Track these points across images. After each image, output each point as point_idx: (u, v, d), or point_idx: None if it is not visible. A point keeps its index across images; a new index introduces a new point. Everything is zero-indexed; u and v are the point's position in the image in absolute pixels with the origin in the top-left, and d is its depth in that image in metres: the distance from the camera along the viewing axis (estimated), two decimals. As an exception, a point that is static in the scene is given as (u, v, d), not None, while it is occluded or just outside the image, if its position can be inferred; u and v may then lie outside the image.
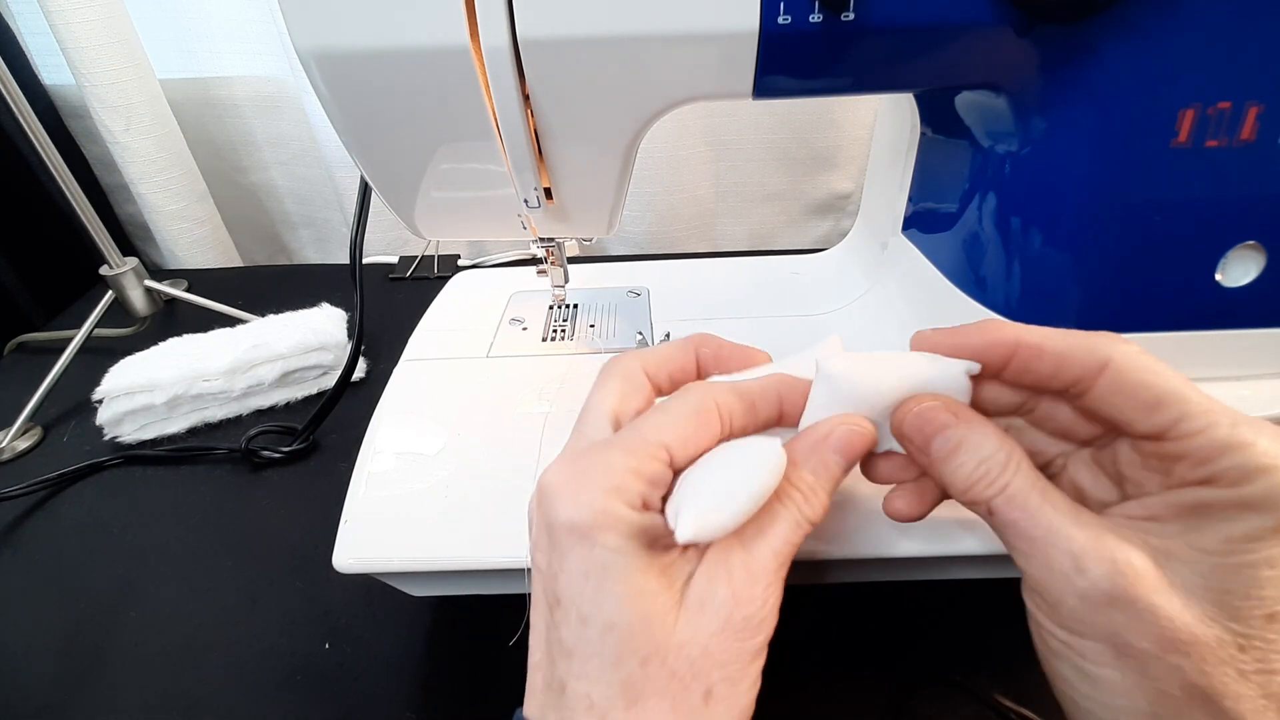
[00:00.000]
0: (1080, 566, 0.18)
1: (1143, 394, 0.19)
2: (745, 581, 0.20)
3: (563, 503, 0.20)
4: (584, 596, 0.19)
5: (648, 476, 0.20)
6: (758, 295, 0.46)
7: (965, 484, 0.21)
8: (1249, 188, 0.26)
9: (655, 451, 0.21)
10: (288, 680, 0.33)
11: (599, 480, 0.20)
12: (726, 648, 0.20)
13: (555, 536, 0.20)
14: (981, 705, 0.31)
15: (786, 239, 0.77)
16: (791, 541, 0.21)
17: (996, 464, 0.20)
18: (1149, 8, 0.24)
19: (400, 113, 0.28)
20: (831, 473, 0.22)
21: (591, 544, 0.19)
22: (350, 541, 0.30)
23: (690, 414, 0.22)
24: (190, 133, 0.70)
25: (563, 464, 0.21)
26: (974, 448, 0.21)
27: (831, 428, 0.23)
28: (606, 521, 0.19)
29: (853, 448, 0.23)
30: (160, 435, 0.48)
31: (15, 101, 0.48)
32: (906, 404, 0.22)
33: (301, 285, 0.63)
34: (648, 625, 0.19)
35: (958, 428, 0.21)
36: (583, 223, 0.35)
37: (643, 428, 0.21)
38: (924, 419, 0.22)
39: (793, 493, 0.22)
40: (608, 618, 0.19)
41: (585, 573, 0.19)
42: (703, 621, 0.20)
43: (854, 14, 0.24)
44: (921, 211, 0.39)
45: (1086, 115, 0.27)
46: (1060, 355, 0.20)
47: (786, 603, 0.33)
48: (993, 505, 0.20)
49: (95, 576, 0.39)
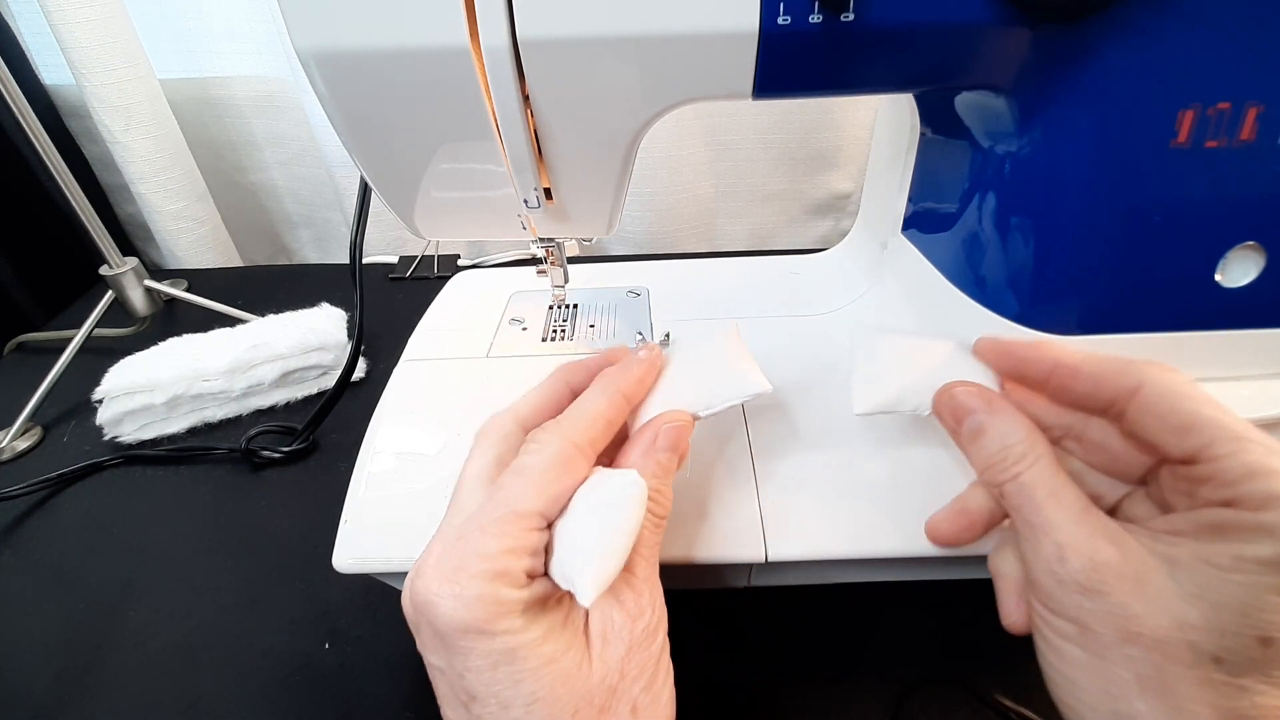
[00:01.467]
0: (1062, 556, 0.20)
1: (1173, 418, 0.20)
2: (633, 599, 0.22)
3: (446, 606, 0.20)
4: (499, 684, 0.20)
5: (527, 550, 0.21)
6: (758, 295, 0.46)
7: (984, 464, 0.23)
8: (1249, 188, 0.26)
9: (527, 524, 0.21)
10: (288, 680, 0.33)
11: (477, 571, 0.20)
12: (637, 661, 0.21)
13: (449, 640, 0.20)
14: (981, 705, 0.31)
15: (786, 239, 0.77)
16: (654, 543, 0.24)
17: (1015, 452, 0.22)
18: (1149, 8, 0.24)
19: (400, 113, 0.28)
20: (667, 469, 0.25)
21: (491, 637, 0.20)
22: (350, 541, 0.31)
23: (554, 467, 0.22)
24: (190, 133, 0.70)
25: (434, 560, 0.21)
26: (998, 434, 0.23)
27: (655, 429, 0.25)
28: (499, 610, 0.20)
29: (677, 442, 0.25)
30: (160, 435, 0.48)
31: (15, 101, 0.48)
32: (948, 386, 0.25)
33: (301, 285, 0.63)
34: (567, 682, 0.20)
35: (987, 414, 0.23)
36: (583, 223, 0.35)
37: (508, 499, 0.22)
38: (958, 401, 0.24)
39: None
40: (528, 693, 0.20)
41: (493, 664, 0.20)
42: (611, 651, 0.21)
43: (854, 14, 0.24)
44: (921, 211, 0.39)
45: (1086, 115, 0.27)
46: (1095, 377, 0.22)
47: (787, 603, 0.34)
48: (1004, 489, 0.22)
49: (95, 576, 0.39)
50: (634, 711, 0.21)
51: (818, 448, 0.33)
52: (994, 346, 0.25)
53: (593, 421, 0.24)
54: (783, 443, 0.33)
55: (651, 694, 0.21)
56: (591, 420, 0.24)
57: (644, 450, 0.25)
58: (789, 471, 0.32)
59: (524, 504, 0.21)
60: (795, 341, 0.41)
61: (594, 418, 0.24)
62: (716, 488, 0.31)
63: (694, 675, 0.33)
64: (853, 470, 0.32)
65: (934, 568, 0.34)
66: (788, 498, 0.31)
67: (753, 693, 0.32)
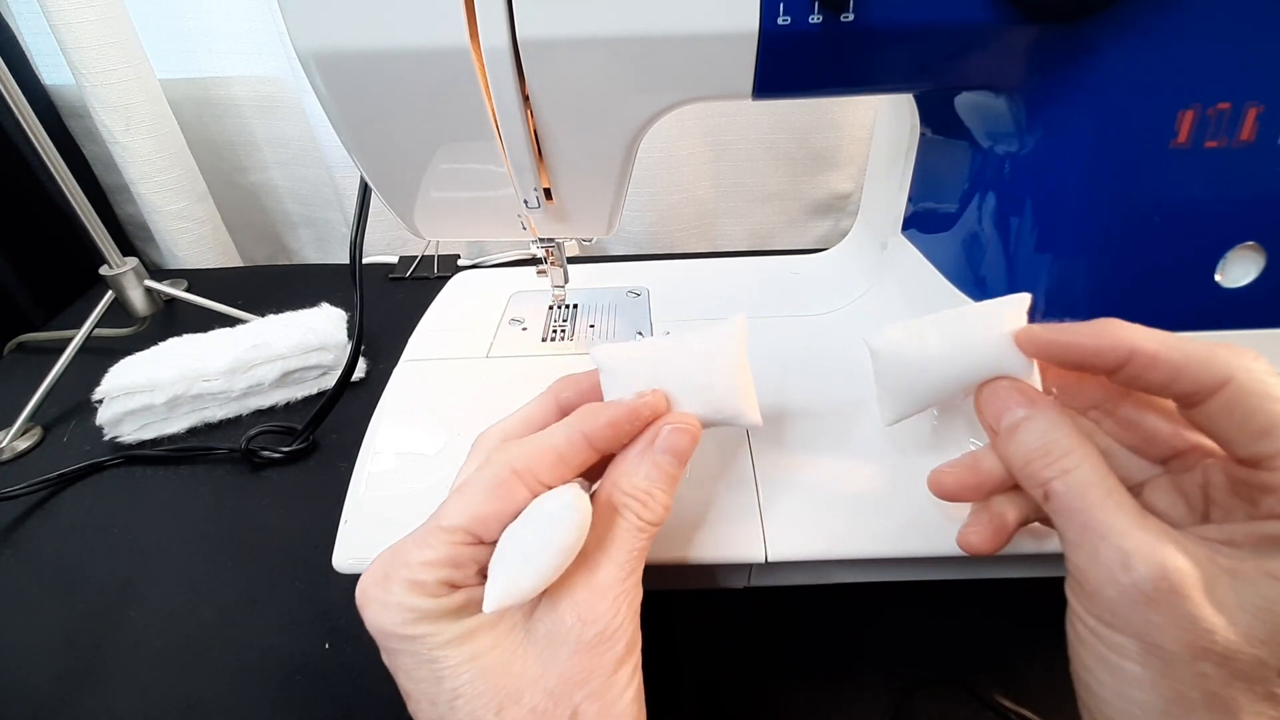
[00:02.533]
0: (1128, 564, 0.18)
1: (1255, 419, 0.19)
2: (589, 601, 0.21)
3: (371, 611, 0.21)
4: (424, 681, 0.21)
5: (448, 562, 0.21)
6: (758, 295, 0.46)
7: (1024, 459, 0.21)
8: (1248, 188, 0.26)
9: (451, 537, 0.22)
10: (288, 680, 0.33)
11: (399, 579, 0.21)
12: (584, 666, 0.21)
13: (380, 641, 0.22)
14: (981, 705, 0.31)
15: (786, 239, 0.77)
16: (634, 549, 0.22)
17: (1060, 447, 0.20)
18: (1149, 8, 0.24)
19: (400, 113, 0.28)
20: (666, 473, 0.24)
21: (410, 640, 0.21)
22: (350, 541, 0.31)
23: (486, 489, 0.22)
24: (190, 133, 0.70)
25: (376, 565, 0.22)
26: (1039, 427, 0.21)
27: (657, 430, 0.24)
28: (413, 616, 0.21)
29: (680, 445, 0.24)
30: (160, 435, 0.48)
31: (15, 101, 0.48)
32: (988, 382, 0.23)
33: (301, 285, 0.63)
34: (491, 677, 0.20)
35: (1028, 407, 0.22)
36: (582, 223, 0.35)
37: (441, 513, 0.22)
38: (997, 394, 0.22)
39: (628, 501, 0.23)
40: (450, 689, 0.20)
41: (417, 663, 0.21)
42: (553, 651, 0.21)
43: (854, 14, 0.24)
44: (921, 211, 0.39)
45: (1086, 115, 0.27)
46: (1177, 367, 0.20)
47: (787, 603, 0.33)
48: (1051, 488, 0.20)
49: (95, 576, 0.39)
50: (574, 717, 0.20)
51: (818, 448, 0.33)
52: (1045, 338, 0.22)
53: (540, 452, 0.23)
54: (783, 443, 0.33)
55: (600, 704, 0.20)
56: (540, 451, 0.23)
57: (641, 450, 0.24)
58: (789, 471, 0.32)
59: (450, 520, 0.22)
60: (795, 341, 0.41)
61: (544, 449, 0.23)
62: (716, 488, 0.31)
63: (694, 675, 0.33)
64: (853, 470, 0.32)
65: (934, 568, 0.34)
66: (788, 498, 0.31)
67: (753, 693, 0.32)
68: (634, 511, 0.23)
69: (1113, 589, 0.18)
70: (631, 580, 0.22)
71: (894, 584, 0.35)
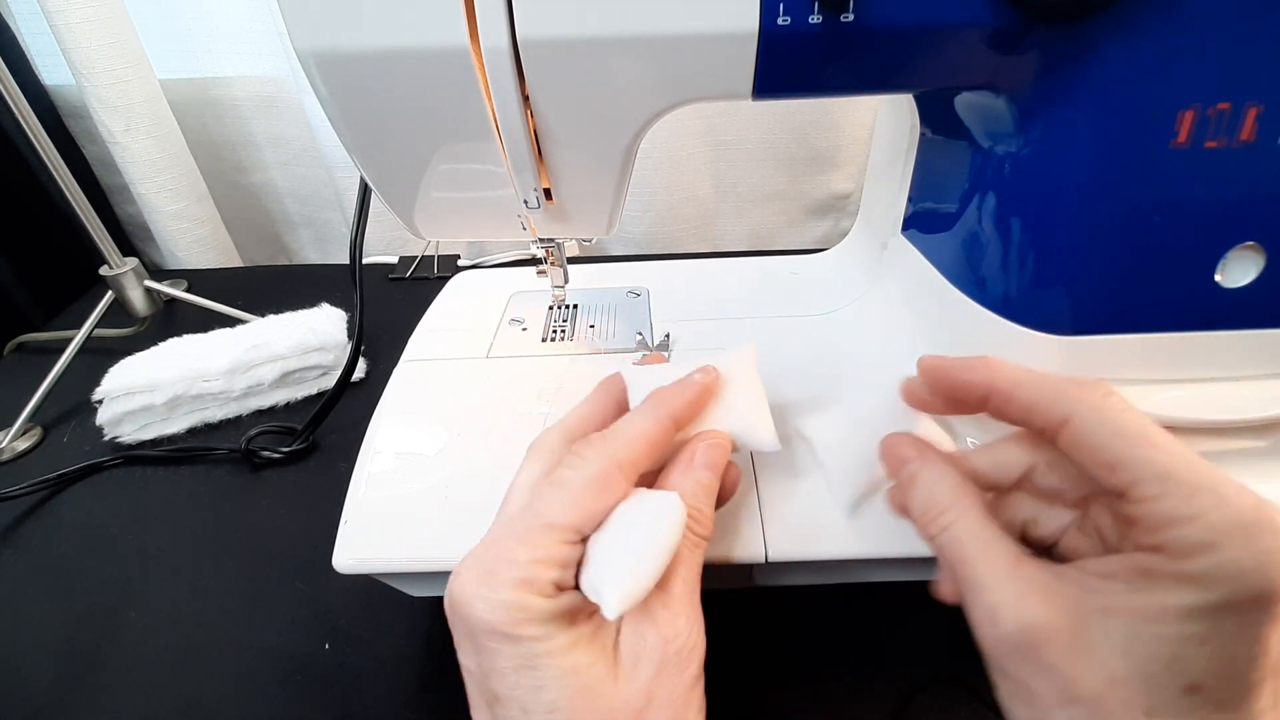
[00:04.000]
0: (995, 618, 0.19)
1: (1101, 454, 0.19)
2: (668, 620, 0.21)
3: (477, 608, 0.20)
4: (521, 688, 0.20)
5: (557, 562, 0.21)
6: (758, 295, 0.46)
7: (917, 514, 0.22)
8: (1248, 188, 0.26)
9: (560, 536, 0.21)
10: (288, 680, 0.33)
11: (506, 577, 0.20)
12: (667, 686, 0.20)
13: (478, 641, 0.21)
14: (982, 705, 0.31)
15: (786, 239, 0.77)
16: (696, 565, 0.23)
17: (942, 503, 0.21)
18: (1149, 8, 0.24)
19: (400, 113, 0.28)
20: (707, 488, 0.25)
21: (516, 641, 0.20)
22: (350, 542, 0.31)
23: (590, 484, 0.22)
24: (190, 133, 0.70)
25: (471, 563, 0.21)
26: (926, 483, 0.22)
27: (694, 448, 0.25)
28: (524, 616, 0.20)
29: (716, 461, 0.25)
30: (160, 435, 0.48)
31: (15, 101, 0.48)
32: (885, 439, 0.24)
33: (301, 285, 0.63)
34: (588, 695, 0.20)
35: (915, 462, 0.23)
36: (582, 223, 0.35)
37: (544, 511, 0.22)
38: (888, 448, 0.24)
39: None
40: (548, 701, 0.20)
41: (517, 667, 0.20)
42: (640, 671, 0.20)
43: (854, 14, 0.24)
44: (921, 212, 0.39)
45: (1086, 115, 0.27)
46: (1028, 405, 0.21)
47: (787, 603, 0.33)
48: (937, 541, 0.21)
49: (95, 576, 0.39)
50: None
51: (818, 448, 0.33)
52: (933, 367, 0.23)
53: (637, 441, 0.24)
54: (783, 443, 0.33)
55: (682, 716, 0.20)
56: (635, 440, 0.24)
57: (683, 469, 0.25)
58: (789, 471, 0.32)
59: (557, 517, 0.22)
60: (795, 342, 0.41)
61: (638, 437, 0.24)
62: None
63: (694, 675, 0.33)
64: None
65: (935, 568, 0.34)
66: (788, 498, 0.31)
67: (753, 693, 0.32)
68: (689, 528, 0.23)
69: (988, 640, 0.19)
70: (696, 596, 0.22)
71: (895, 584, 0.34)
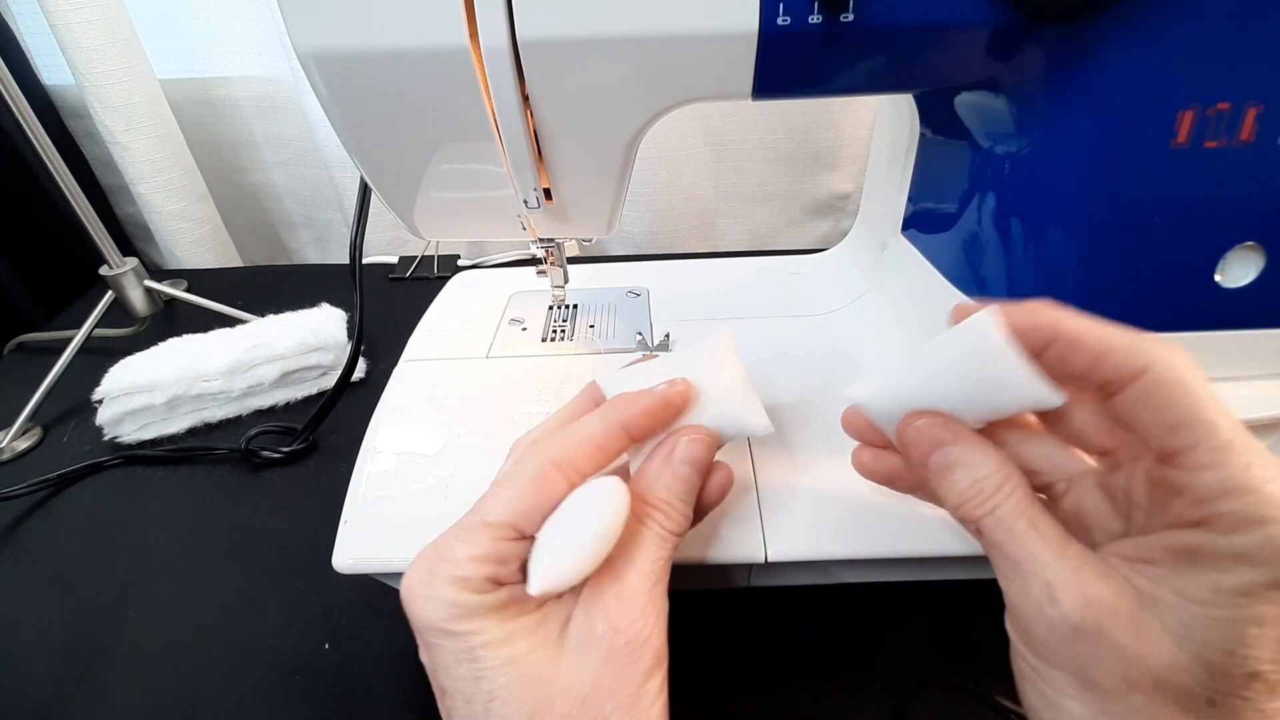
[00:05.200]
0: (1053, 596, 0.18)
1: (1170, 410, 0.18)
2: (620, 610, 0.21)
3: (417, 606, 0.21)
4: (462, 680, 0.21)
5: (493, 558, 0.21)
6: (758, 295, 0.46)
7: (958, 500, 0.21)
8: (1248, 188, 0.26)
9: (496, 533, 0.22)
10: (288, 680, 0.33)
11: (444, 576, 0.21)
12: (616, 676, 0.21)
13: (424, 637, 0.22)
14: (981, 706, 0.31)
15: (786, 239, 0.77)
16: (659, 558, 0.23)
17: (990, 485, 0.20)
18: (1149, 8, 0.24)
19: (400, 113, 0.28)
20: (686, 483, 0.24)
21: (454, 636, 0.21)
22: (350, 541, 0.31)
23: (527, 482, 0.23)
24: (190, 133, 0.70)
25: (417, 562, 0.22)
26: (970, 466, 0.21)
27: (674, 442, 0.25)
28: (459, 612, 0.21)
29: (697, 456, 0.24)
30: (160, 435, 0.48)
31: (15, 101, 0.48)
32: (909, 417, 0.22)
33: (301, 285, 0.63)
34: (526, 683, 0.20)
35: (956, 446, 0.21)
36: (582, 223, 0.35)
37: (483, 509, 0.22)
38: (923, 434, 0.22)
39: (651, 512, 0.23)
40: (487, 691, 0.20)
41: (457, 660, 0.21)
42: (586, 659, 0.21)
43: (853, 14, 0.24)
44: (921, 212, 0.39)
45: (1086, 115, 0.27)
46: (1099, 352, 0.19)
47: (787, 603, 0.33)
48: (981, 525, 0.20)
49: (95, 576, 0.39)
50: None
51: (818, 448, 0.33)
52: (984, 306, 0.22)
53: (580, 443, 0.24)
54: (782, 443, 0.33)
55: (630, 715, 0.20)
56: (579, 441, 0.24)
57: (661, 461, 0.24)
58: (789, 471, 0.32)
59: (493, 515, 0.22)
60: (795, 341, 0.41)
61: (583, 439, 0.24)
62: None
63: (694, 675, 0.33)
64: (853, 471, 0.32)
65: (935, 568, 0.34)
66: (788, 498, 0.31)
67: (753, 693, 0.32)
68: (657, 521, 0.23)
69: (1043, 624, 0.18)
70: (658, 590, 0.22)
71: (894, 584, 0.35)
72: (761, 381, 0.28)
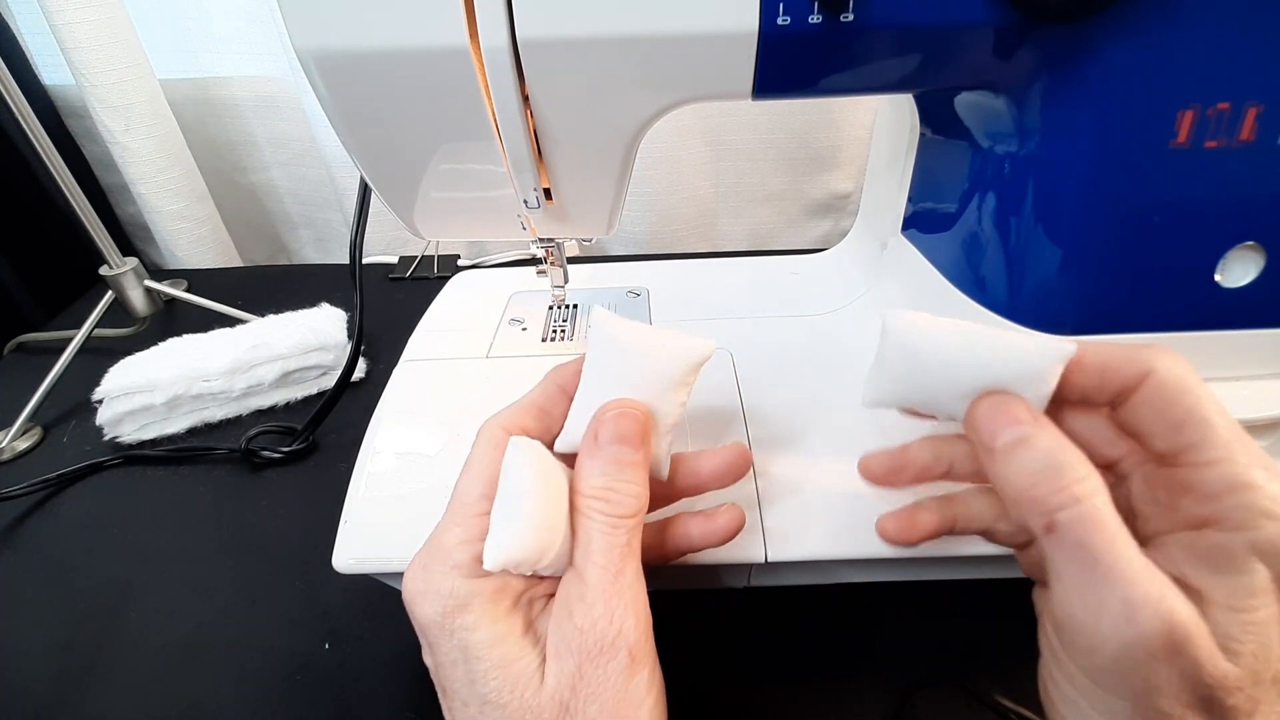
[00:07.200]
0: (1133, 616, 0.16)
1: (1173, 410, 0.18)
2: (583, 611, 0.21)
3: (418, 606, 0.21)
4: (458, 682, 0.21)
5: (478, 536, 0.22)
6: (758, 295, 0.46)
7: (1028, 481, 0.19)
8: (1248, 188, 0.26)
9: (474, 509, 0.22)
10: (287, 680, 0.33)
11: (438, 567, 0.21)
12: (593, 678, 0.20)
13: (426, 637, 0.22)
14: (981, 705, 0.31)
15: (786, 239, 0.77)
16: (614, 547, 0.21)
17: (1073, 472, 0.18)
18: (1149, 8, 0.24)
19: (400, 113, 0.28)
20: (622, 463, 0.23)
21: (449, 634, 0.21)
22: (350, 541, 0.31)
23: (484, 455, 0.23)
24: (190, 133, 0.70)
25: (415, 561, 0.22)
26: (1046, 446, 0.19)
27: (598, 423, 0.23)
28: (453, 605, 0.21)
29: (625, 431, 0.23)
30: (160, 435, 0.48)
31: (15, 101, 0.48)
32: (989, 393, 0.21)
33: (301, 285, 0.63)
34: (516, 689, 0.20)
35: (1032, 425, 0.19)
36: (582, 223, 0.35)
37: (458, 492, 0.23)
38: (997, 408, 0.20)
39: (589, 503, 0.22)
40: (480, 694, 0.20)
41: (453, 661, 0.21)
42: (564, 664, 0.20)
43: (853, 14, 0.24)
44: (921, 212, 0.39)
45: (1086, 115, 0.27)
46: (1102, 368, 0.20)
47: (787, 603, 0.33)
48: (1059, 519, 0.18)
49: (95, 576, 0.39)
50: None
51: (817, 448, 0.33)
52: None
53: (524, 409, 0.25)
54: (782, 443, 0.33)
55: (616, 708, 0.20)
56: (523, 408, 0.25)
57: (589, 450, 0.23)
58: (788, 472, 0.32)
59: (467, 493, 0.23)
60: (795, 341, 0.41)
61: (526, 406, 0.25)
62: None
63: (694, 675, 0.33)
64: (853, 471, 0.32)
65: (934, 568, 0.34)
66: (788, 498, 0.31)
67: (752, 693, 0.32)
68: (599, 510, 0.22)
69: (1114, 643, 0.17)
70: (623, 583, 0.21)
71: (894, 584, 0.35)
72: (761, 381, 0.28)
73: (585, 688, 0.20)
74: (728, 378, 0.36)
